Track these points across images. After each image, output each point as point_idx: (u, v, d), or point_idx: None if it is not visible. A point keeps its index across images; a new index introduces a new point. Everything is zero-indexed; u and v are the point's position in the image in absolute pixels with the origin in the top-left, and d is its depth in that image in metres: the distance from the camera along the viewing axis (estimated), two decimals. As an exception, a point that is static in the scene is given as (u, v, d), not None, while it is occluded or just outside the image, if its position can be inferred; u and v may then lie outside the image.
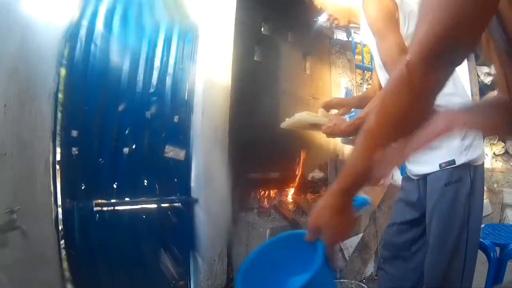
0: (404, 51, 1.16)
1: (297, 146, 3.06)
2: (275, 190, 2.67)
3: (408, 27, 1.23)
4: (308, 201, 2.65)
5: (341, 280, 2.31)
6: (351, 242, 2.73)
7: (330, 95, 3.77)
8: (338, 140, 3.69)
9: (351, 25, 1.50)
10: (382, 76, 1.41)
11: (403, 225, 1.42)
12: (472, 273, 1.30)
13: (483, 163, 1.27)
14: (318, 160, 3.34)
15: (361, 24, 1.38)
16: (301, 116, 1.45)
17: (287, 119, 1.49)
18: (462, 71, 3.95)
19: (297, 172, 2.85)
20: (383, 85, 1.40)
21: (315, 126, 1.44)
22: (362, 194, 2.87)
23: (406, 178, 1.47)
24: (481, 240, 1.67)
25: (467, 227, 1.20)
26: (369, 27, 1.26)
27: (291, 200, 2.59)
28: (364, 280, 2.41)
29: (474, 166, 1.22)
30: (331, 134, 1.38)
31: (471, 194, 1.21)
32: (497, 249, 1.64)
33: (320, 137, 3.41)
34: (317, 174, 3.20)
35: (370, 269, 2.64)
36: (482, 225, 1.93)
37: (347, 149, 3.77)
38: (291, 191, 2.69)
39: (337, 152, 3.63)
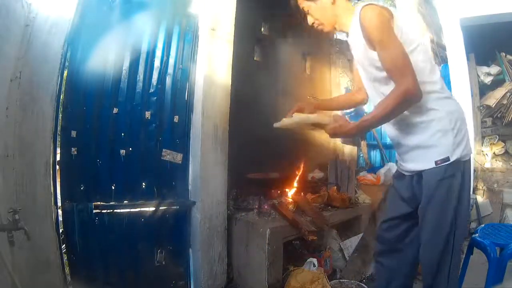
0: (406, 58, 1.22)
1: (297, 146, 3.06)
2: (275, 190, 2.66)
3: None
4: (308, 201, 2.65)
5: (341, 280, 2.31)
6: (351, 242, 2.73)
7: (330, 95, 3.78)
8: (338, 140, 3.70)
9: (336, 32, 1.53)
10: (372, 89, 1.44)
11: (396, 219, 1.53)
12: (459, 258, 1.41)
13: (470, 158, 1.37)
14: (318, 160, 3.34)
15: (352, 32, 1.40)
16: (303, 116, 1.45)
17: (284, 119, 1.47)
18: (462, 71, 3.95)
19: (297, 172, 2.85)
20: (373, 97, 1.46)
21: (317, 126, 1.44)
22: (362, 194, 2.86)
23: (398, 175, 1.55)
24: (481, 240, 1.68)
25: (456, 216, 1.31)
26: (369, 35, 1.28)
27: (291, 200, 2.58)
28: (364, 280, 2.41)
29: (464, 161, 1.32)
30: (335, 134, 1.40)
31: (461, 186, 1.32)
32: (497, 249, 1.64)
33: (319, 137, 3.41)
34: (317, 174, 3.21)
35: (370, 269, 2.64)
36: (482, 225, 1.94)
37: (347, 149, 3.78)
38: (291, 191, 2.69)
39: (337, 152, 3.64)
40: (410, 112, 1.34)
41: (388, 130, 1.51)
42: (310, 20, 1.46)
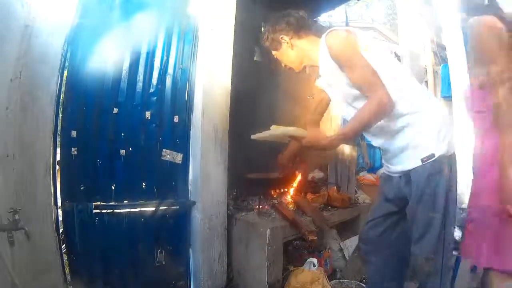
0: (374, 74, 1.30)
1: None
2: (275, 190, 2.66)
3: None
4: (308, 201, 2.65)
5: (341, 280, 2.31)
6: (351, 242, 2.73)
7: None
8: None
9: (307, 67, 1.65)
10: (351, 110, 1.47)
11: (379, 218, 1.59)
12: (452, 253, 1.42)
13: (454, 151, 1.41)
14: (318, 160, 3.33)
15: (321, 61, 1.46)
16: (279, 129, 1.51)
17: (263, 132, 1.56)
18: (462, 70, 3.94)
19: (297, 172, 2.85)
20: (348, 117, 1.50)
21: (294, 139, 1.52)
22: (362, 194, 2.86)
23: (385, 178, 1.61)
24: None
25: (446, 212, 1.34)
26: (337, 59, 1.36)
27: (291, 200, 2.58)
28: (364, 280, 2.41)
29: (449, 155, 1.35)
30: (311, 147, 1.46)
31: (450, 181, 1.34)
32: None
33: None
34: (317, 174, 3.21)
35: (370, 269, 2.64)
36: None
37: (347, 149, 3.77)
38: (291, 191, 2.69)
39: (337, 153, 3.63)
40: (392, 119, 1.38)
41: (373, 141, 1.56)
42: (282, 64, 1.63)
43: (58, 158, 1.79)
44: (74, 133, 1.84)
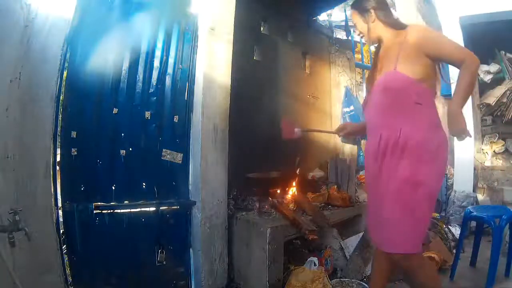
0: None
1: (297, 145, 3.06)
2: (275, 189, 2.66)
3: None
4: (308, 200, 2.65)
5: (341, 279, 2.31)
6: (352, 241, 2.72)
7: (330, 94, 3.77)
8: (338, 140, 3.70)
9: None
10: None
11: None
12: None
13: None
14: (318, 159, 3.34)
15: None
16: None
17: None
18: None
19: (297, 171, 2.85)
20: None
21: None
22: (363, 192, 2.86)
23: None
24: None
25: None
26: None
27: (292, 199, 2.58)
28: (365, 279, 2.41)
29: None
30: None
31: None
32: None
33: (320, 136, 3.41)
34: (318, 173, 3.20)
35: (370, 267, 2.64)
36: (471, 206, 2.30)
37: (347, 148, 3.78)
38: (291, 190, 2.69)
39: (337, 151, 3.64)
40: None
41: None
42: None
43: (58, 158, 1.79)
44: (74, 134, 1.84)
